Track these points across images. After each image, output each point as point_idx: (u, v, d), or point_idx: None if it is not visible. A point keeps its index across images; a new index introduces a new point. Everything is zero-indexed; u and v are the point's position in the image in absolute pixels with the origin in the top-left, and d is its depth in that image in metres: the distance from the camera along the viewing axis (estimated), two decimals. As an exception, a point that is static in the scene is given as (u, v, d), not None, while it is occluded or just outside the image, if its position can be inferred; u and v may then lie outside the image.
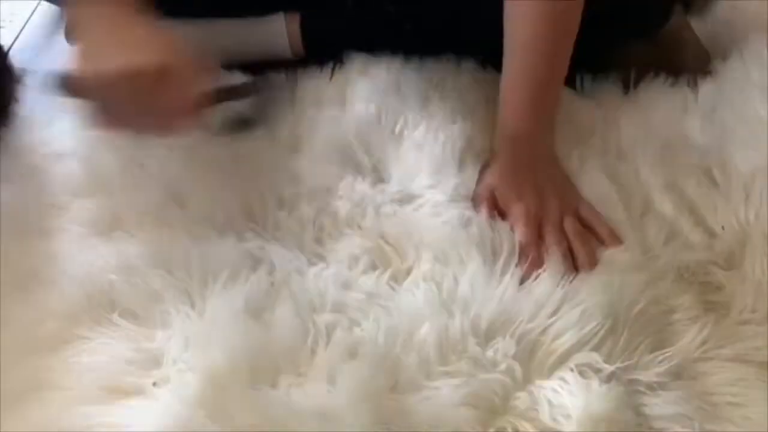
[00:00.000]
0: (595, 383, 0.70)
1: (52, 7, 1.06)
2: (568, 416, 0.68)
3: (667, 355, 0.73)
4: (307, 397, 0.69)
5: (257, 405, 0.68)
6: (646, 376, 0.72)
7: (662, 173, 0.90)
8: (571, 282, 0.77)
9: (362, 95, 0.96)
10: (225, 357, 0.71)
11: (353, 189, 0.87)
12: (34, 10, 1.16)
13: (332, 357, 0.72)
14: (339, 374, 0.70)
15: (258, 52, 1.04)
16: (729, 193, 0.88)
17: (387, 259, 0.80)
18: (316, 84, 1.00)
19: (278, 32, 1.04)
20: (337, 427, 0.67)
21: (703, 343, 0.74)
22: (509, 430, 0.68)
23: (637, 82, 1.01)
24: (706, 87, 1.01)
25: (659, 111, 0.99)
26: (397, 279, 0.79)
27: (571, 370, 0.71)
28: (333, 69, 1.01)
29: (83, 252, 0.80)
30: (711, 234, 0.85)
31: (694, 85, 1.01)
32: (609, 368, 0.71)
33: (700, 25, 1.11)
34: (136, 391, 0.71)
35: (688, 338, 0.74)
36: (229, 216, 0.84)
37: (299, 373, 0.71)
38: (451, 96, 0.98)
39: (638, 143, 0.95)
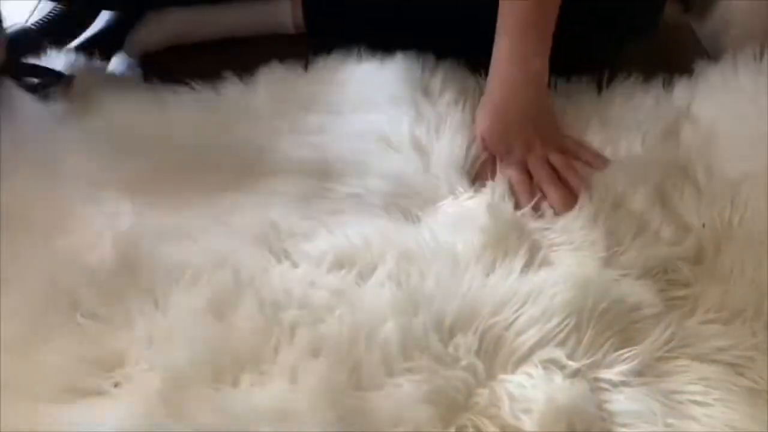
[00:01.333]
0: (558, 379, 0.70)
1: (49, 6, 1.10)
2: (529, 411, 0.67)
3: (631, 353, 0.72)
4: (268, 396, 0.68)
5: (218, 404, 0.68)
6: (610, 373, 0.71)
7: (638, 169, 0.90)
8: (534, 276, 0.77)
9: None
10: (187, 356, 0.71)
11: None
12: (34, 10, 1.17)
13: (295, 355, 0.71)
14: (301, 373, 0.70)
15: (261, 28, 1.09)
16: (708, 192, 0.88)
17: (352, 257, 0.80)
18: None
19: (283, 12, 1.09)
20: (298, 426, 0.66)
21: (668, 341, 0.73)
22: (470, 427, 0.67)
23: (609, 82, 1.01)
24: (684, 86, 1.00)
25: (635, 109, 0.98)
26: (362, 276, 0.78)
27: (535, 366, 0.71)
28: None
29: (46, 252, 0.79)
30: (684, 230, 0.85)
31: (669, 84, 1.01)
32: (573, 365, 0.71)
33: (700, 26, 1.11)
34: (99, 392, 0.71)
35: (653, 337, 0.74)
36: (196, 216, 0.84)
37: (261, 372, 0.71)
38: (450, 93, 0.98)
39: (612, 140, 0.95)
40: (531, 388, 0.69)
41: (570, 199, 0.86)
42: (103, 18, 1.17)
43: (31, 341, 0.73)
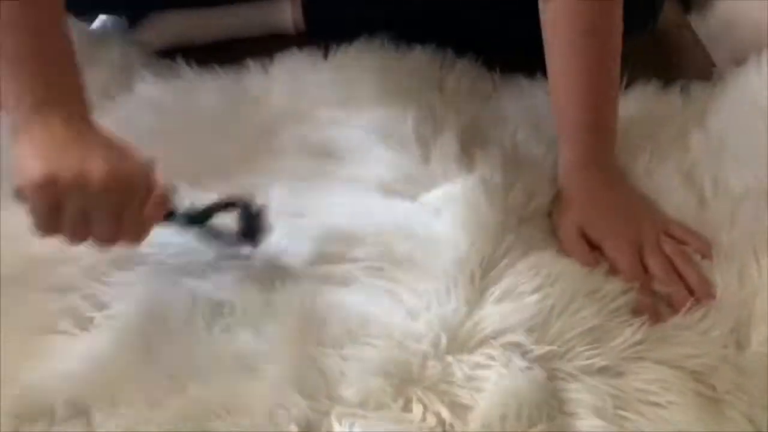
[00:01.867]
0: (516, 362, 0.70)
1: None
2: (480, 390, 0.68)
3: (597, 350, 0.72)
4: (232, 342, 0.72)
5: (183, 344, 0.72)
6: (570, 366, 0.71)
7: (644, 175, 0.90)
8: (513, 262, 0.78)
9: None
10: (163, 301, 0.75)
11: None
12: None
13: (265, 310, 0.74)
14: (265, 325, 0.73)
15: (261, 29, 1.11)
16: (711, 204, 0.87)
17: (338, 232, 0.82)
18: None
19: (283, 13, 1.11)
20: (255, 374, 0.69)
21: (637, 344, 0.73)
22: (416, 401, 0.68)
23: (628, 85, 1.01)
24: (702, 93, 1.00)
25: (650, 116, 0.98)
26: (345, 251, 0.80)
27: (496, 348, 0.71)
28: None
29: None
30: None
31: (687, 90, 1.01)
32: (534, 352, 0.71)
33: (700, 26, 1.11)
34: (78, 329, 0.75)
35: (623, 337, 0.73)
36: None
37: (231, 322, 0.74)
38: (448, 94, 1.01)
39: (624, 147, 0.94)
40: (486, 368, 0.70)
41: (690, 297, 0.76)
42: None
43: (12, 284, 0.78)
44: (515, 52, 1.01)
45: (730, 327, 0.75)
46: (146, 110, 0.99)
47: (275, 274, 0.77)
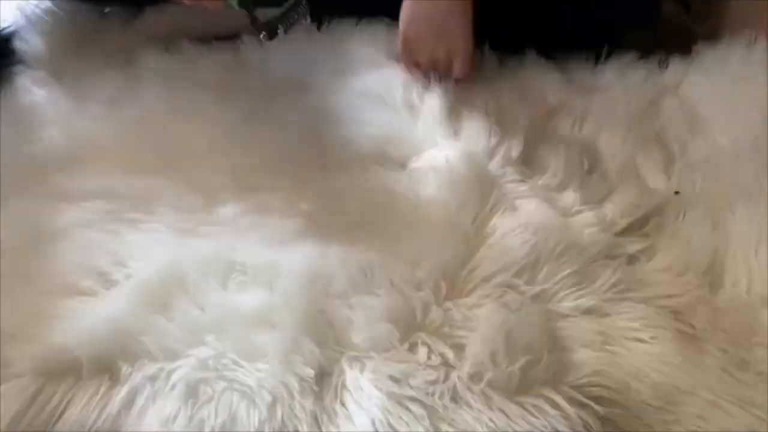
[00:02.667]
0: (509, 301, 0.76)
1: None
2: (475, 330, 0.74)
3: (582, 291, 0.78)
4: (246, 298, 0.76)
5: (199, 301, 0.76)
6: (560, 306, 0.77)
7: (615, 133, 0.96)
8: (499, 218, 0.84)
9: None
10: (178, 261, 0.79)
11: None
12: (34, 9, 1.19)
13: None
14: (275, 282, 0.78)
15: None
16: (681, 161, 0.93)
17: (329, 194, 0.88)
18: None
19: None
20: (270, 326, 0.74)
21: (616, 285, 0.79)
22: (421, 344, 0.73)
23: (607, 57, 1.06)
24: (680, 65, 1.04)
25: (625, 84, 1.03)
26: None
27: (493, 288, 0.77)
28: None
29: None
30: (651, 192, 0.90)
31: (665, 64, 1.05)
32: (528, 292, 0.78)
33: (700, 27, 1.14)
34: (99, 286, 0.80)
35: (603, 279, 0.79)
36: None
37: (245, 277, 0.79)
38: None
39: (604, 114, 0.99)
40: (482, 308, 0.76)
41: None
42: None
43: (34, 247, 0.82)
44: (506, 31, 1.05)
45: (703, 270, 0.82)
46: (152, 85, 1.04)
47: (281, 231, 0.82)
